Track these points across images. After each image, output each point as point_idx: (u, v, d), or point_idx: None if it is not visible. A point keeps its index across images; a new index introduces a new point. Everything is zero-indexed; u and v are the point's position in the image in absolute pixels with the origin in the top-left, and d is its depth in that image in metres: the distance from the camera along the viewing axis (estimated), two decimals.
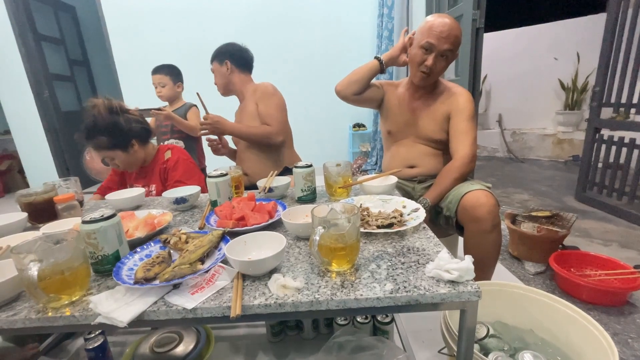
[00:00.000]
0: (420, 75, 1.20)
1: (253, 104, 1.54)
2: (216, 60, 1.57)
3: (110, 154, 1.28)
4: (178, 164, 1.37)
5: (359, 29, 3.48)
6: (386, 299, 0.54)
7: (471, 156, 1.18)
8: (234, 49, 1.58)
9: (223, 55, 1.56)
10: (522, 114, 4.28)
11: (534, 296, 0.94)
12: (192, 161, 1.45)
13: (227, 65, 1.55)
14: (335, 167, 1.04)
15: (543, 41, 4.03)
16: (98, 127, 1.22)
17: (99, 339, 1.01)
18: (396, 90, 1.38)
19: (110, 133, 1.24)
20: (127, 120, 1.29)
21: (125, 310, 0.54)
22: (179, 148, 1.46)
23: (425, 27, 1.17)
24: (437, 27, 1.13)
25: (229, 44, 1.59)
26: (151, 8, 3.30)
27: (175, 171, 1.36)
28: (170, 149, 1.43)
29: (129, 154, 1.30)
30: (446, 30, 1.13)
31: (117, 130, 1.25)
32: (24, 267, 0.52)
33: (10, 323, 0.54)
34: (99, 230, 0.63)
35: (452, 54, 1.18)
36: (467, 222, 1.08)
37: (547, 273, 1.59)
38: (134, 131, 1.30)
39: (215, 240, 0.70)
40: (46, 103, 3.55)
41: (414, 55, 1.21)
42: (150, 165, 1.41)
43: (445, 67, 1.21)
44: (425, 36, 1.15)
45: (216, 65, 1.58)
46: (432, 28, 1.14)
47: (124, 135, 1.27)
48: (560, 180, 3.18)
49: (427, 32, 1.15)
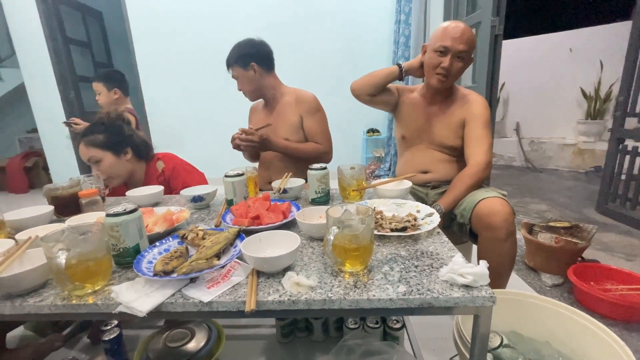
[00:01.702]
0: (437, 78, 1.20)
1: (296, 115, 1.43)
2: (238, 64, 1.40)
3: (100, 153, 1.23)
4: (176, 170, 1.35)
5: (375, 34, 3.49)
6: (399, 300, 0.54)
7: (486, 163, 1.17)
8: (257, 48, 1.42)
9: (246, 57, 1.39)
10: (541, 122, 4.19)
11: (551, 307, 0.91)
12: (187, 163, 1.43)
13: (253, 69, 1.40)
14: (350, 170, 1.04)
15: (563, 49, 3.94)
16: (100, 126, 1.26)
17: (115, 331, 1.04)
18: (411, 95, 1.37)
19: (109, 132, 1.25)
20: (131, 130, 1.32)
21: (144, 300, 0.56)
22: (169, 155, 1.42)
23: (438, 32, 1.18)
24: (451, 30, 1.15)
25: (247, 43, 1.42)
26: (173, 12, 3.41)
27: (177, 179, 1.34)
28: (160, 158, 1.39)
29: (119, 159, 1.27)
30: (460, 32, 1.14)
31: (116, 132, 1.27)
32: (53, 255, 0.54)
33: (38, 308, 0.57)
34: (122, 224, 0.66)
35: (468, 56, 1.18)
36: (481, 229, 1.06)
37: (565, 286, 1.54)
38: (133, 141, 1.31)
39: (231, 237, 0.72)
40: (71, 103, 3.71)
41: (429, 59, 1.22)
42: (146, 182, 1.36)
43: (462, 69, 1.21)
44: (439, 40, 1.16)
45: (239, 70, 1.41)
46: (446, 32, 1.16)
47: (121, 139, 1.28)
48: (581, 192, 3.08)
49: (440, 36, 1.17)
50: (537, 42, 4.12)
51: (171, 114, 3.68)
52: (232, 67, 1.44)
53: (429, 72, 1.23)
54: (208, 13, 3.41)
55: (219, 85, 3.53)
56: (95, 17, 4.30)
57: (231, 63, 1.43)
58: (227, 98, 3.49)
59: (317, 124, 1.44)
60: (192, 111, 3.66)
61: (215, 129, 3.65)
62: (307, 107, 1.43)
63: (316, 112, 1.45)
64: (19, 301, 0.58)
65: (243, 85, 1.45)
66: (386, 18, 3.44)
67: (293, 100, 1.45)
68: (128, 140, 1.30)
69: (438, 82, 1.21)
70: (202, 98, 3.64)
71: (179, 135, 3.71)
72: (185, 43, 3.49)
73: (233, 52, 1.42)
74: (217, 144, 3.13)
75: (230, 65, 1.44)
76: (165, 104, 3.65)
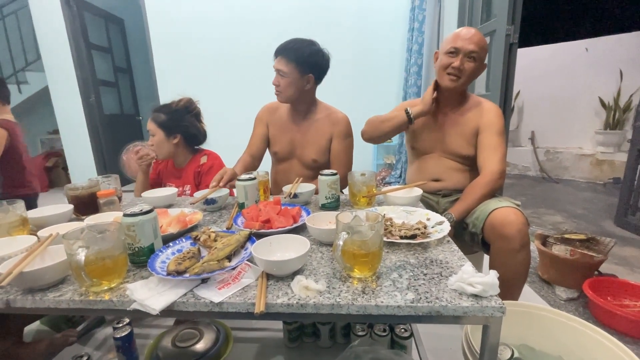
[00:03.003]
0: (449, 77, 1.20)
1: (326, 136, 1.39)
2: (296, 66, 1.28)
3: (155, 129, 1.43)
4: (212, 169, 1.45)
5: (388, 42, 3.51)
6: (407, 307, 0.54)
7: (500, 172, 1.15)
8: (322, 62, 1.34)
9: (308, 65, 1.30)
10: (557, 132, 4.10)
11: (564, 321, 0.89)
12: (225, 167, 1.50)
13: (308, 80, 1.32)
14: (360, 176, 1.05)
15: (581, 58, 3.87)
16: (167, 108, 1.46)
17: (126, 329, 1.07)
18: None
19: (170, 115, 1.44)
20: (192, 121, 1.49)
21: (157, 299, 0.57)
22: (214, 155, 1.54)
23: (449, 36, 1.21)
24: (461, 33, 1.18)
25: (316, 50, 1.31)
26: (190, 20, 3.51)
27: (208, 176, 1.43)
28: (207, 154, 1.53)
29: (167, 140, 1.44)
30: (470, 34, 1.17)
31: (175, 117, 1.45)
32: (73, 252, 0.57)
33: (57, 303, 0.60)
34: (138, 224, 0.68)
35: (479, 58, 1.18)
36: (494, 239, 1.05)
37: (581, 300, 1.50)
38: (186, 129, 1.47)
39: (242, 240, 0.73)
40: (92, 106, 3.84)
41: (440, 62, 1.23)
42: (186, 168, 1.50)
43: (474, 72, 1.20)
44: (450, 42, 1.19)
45: (293, 72, 1.29)
46: (456, 34, 1.19)
47: (176, 125, 1.44)
48: (599, 204, 2.99)
49: (451, 39, 1.20)
50: (554, 50, 4.06)
51: None
52: (286, 63, 1.28)
53: (441, 74, 1.23)
54: (223, 21, 3.50)
55: (231, 90, 3.62)
56: (117, 24, 4.47)
57: (289, 59, 1.28)
58: (239, 104, 3.58)
59: (344, 149, 1.41)
60: (205, 115, 3.74)
61: (227, 132, 3.71)
62: (339, 129, 1.39)
63: (346, 138, 1.41)
64: (39, 295, 0.61)
65: (287, 87, 1.31)
66: (400, 26, 3.45)
67: (326, 120, 1.40)
68: (182, 127, 1.45)
69: (450, 81, 1.21)
70: (215, 102, 3.70)
71: None
72: (201, 49, 3.58)
73: (298, 50, 1.28)
74: (229, 146, 3.19)
75: (285, 59, 1.28)
76: None
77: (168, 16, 3.51)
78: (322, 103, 1.46)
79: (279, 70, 1.30)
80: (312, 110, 1.43)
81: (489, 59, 2.07)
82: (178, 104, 1.47)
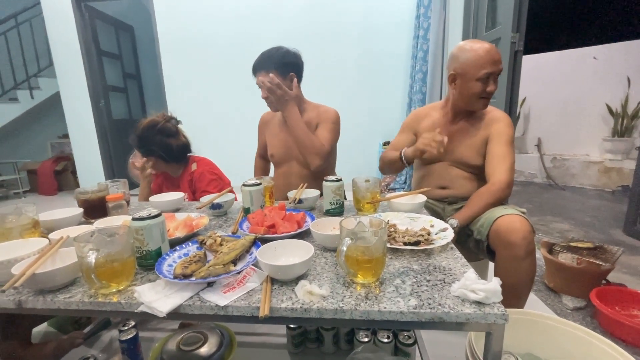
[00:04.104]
0: (484, 102, 1.21)
1: (314, 125, 1.43)
2: (277, 71, 1.32)
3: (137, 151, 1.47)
4: (203, 175, 1.48)
5: (393, 49, 3.53)
6: (410, 313, 0.54)
7: (508, 182, 1.14)
8: (297, 60, 1.39)
9: (287, 66, 1.35)
10: (564, 138, 4.07)
11: (570, 330, 0.88)
12: (216, 172, 1.53)
13: (291, 78, 1.37)
14: (364, 182, 1.06)
15: (588, 64, 3.85)
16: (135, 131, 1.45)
17: (132, 331, 1.08)
18: (428, 120, 1.34)
19: (137, 139, 1.45)
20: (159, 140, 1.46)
21: (164, 301, 0.59)
22: (204, 161, 1.57)
23: (471, 58, 1.14)
24: (486, 55, 1.13)
25: (286, 52, 1.36)
26: (197, 28, 3.58)
27: (200, 182, 1.47)
28: (196, 161, 1.55)
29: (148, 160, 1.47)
30: (495, 55, 1.14)
31: (142, 142, 1.45)
32: (84, 255, 0.58)
33: (67, 304, 0.61)
34: (146, 228, 0.70)
35: None
36: (499, 247, 1.04)
37: (588, 309, 1.48)
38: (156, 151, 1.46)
39: (247, 244, 0.75)
40: (101, 111, 3.92)
41: (471, 88, 1.17)
42: (180, 177, 1.55)
43: None
44: (482, 68, 1.13)
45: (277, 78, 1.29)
46: (482, 57, 1.13)
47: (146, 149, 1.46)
48: (607, 212, 2.95)
49: (482, 63, 1.13)
50: (561, 57, 4.04)
51: (192, 123, 3.81)
52: (266, 73, 1.30)
53: (472, 100, 1.20)
54: (229, 28, 3.56)
55: (237, 98, 3.67)
56: (127, 31, 4.57)
57: (268, 68, 1.31)
58: (244, 110, 3.62)
59: (327, 130, 1.39)
60: (211, 121, 3.78)
61: (233, 139, 3.76)
62: (325, 117, 1.42)
63: (331, 123, 1.41)
64: (50, 297, 0.62)
65: None
66: (405, 33, 3.48)
67: (315, 115, 1.44)
68: (151, 150, 1.45)
69: (484, 106, 1.22)
70: (221, 109, 3.76)
71: (199, 143, 3.84)
72: (208, 53, 3.64)
73: (271, 57, 1.33)
74: (235, 153, 3.22)
75: (265, 71, 1.32)
76: (187, 114, 3.79)
77: (176, 25, 3.58)
78: (311, 103, 1.50)
79: (263, 82, 1.29)
80: (301, 110, 1.43)
81: None
82: (140, 127, 1.44)
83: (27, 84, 4.45)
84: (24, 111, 4.46)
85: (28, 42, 4.39)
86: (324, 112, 1.45)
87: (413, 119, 1.41)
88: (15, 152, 4.64)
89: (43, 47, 4.34)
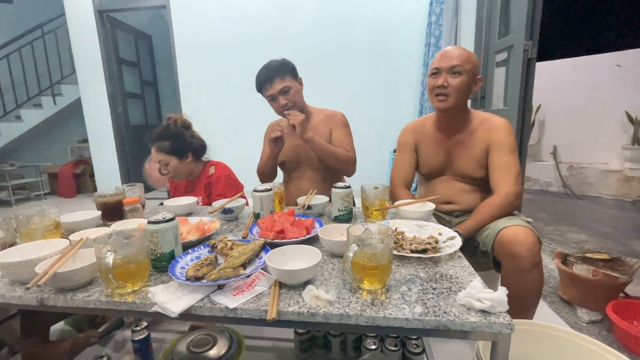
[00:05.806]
0: (437, 99, 1.19)
1: (327, 131, 1.46)
2: (291, 75, 1.38)
3: (167, 158, 1.46)
4: (220, 179, 1.50)
5: (405, 56, 3.55)
6: (415, 320, 0.55)
7: (515, 195, 1.11)
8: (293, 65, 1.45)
9: (294, 70, 1.41)
10: (580, 146, 3.97)
11: (582, 343, 0.86)
12: (232, 177, 1.56)
13: (299, 82, 1.44)
14: (373, 190, 1.07)
15: (605, 71, 3.77)
16: (166, 133, 1.47)
17: (144, 332, 1.11)
18: (425, 133, 1.33)
19: (174, 139, 1.47)
20: (191, 135, 1.52)
21: (176, 302, 0.61)
22: (222, 165, 1.59)
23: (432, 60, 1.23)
24: (441, 53, 1.19)
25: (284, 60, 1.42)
26: (213, 37, 3.69)
27: (217, 185, 1.49)
28: (214, 165, 1.58)
29: (181, 162, 1.49)
30: (449, 51, 1.17)
31: (180, 139, 1.48)
32: (102, 256, 0.61)
33: (85, 303, 0.64)
34: (161, 231, 0.73)
35: (465, 71, 1.14)
36: (504, 259, 1.02)
37: (605, 323, 1.43)
38: (193, 146, 1.51)
39: (257, 249, 0.77)
40: (119, 117, 4.06)
41: (427, 84, 1.23)
42: (197, 180, 1.57)
43: (464, 86, 1.15)
44: (432, 64, 1.21)
45: (292, 81, 1.39)
46: (437, 55, 1.20)
47: (184, 145, 1.48)
48: (627, 222, 2.86)
49: (434, 61, 1.20)
50: (578, 63, 3.97)
51: (206, 128, 3.90)
52: (281, 79, 1.35)
53: (431, 98, 1.22)
54: (243, 36, 3.66)
55: (250, 103, 3.73)
56: (145, 40, 4.73)
57: (282, 75, 1.36)
58: (257, 115, 3.67)
59: (345, 136, 1.46)
60: (225, 126, 3.86)
61: (246, 144, 3.81)
62: (336, 121, 1.48)
63: (345, 126, 1.48)
64: (70, 295, 0.66)
65: (295, 97, 1.39)
66: (416, 41, 3.49)
67: (323, 118, 1.49)
68: (189, 145, 1.50)
69: (439, 102, 1.18)
70: (234, 114, 3.84)
71: (213, 148, 3.92)
72: (223, 63, 3.74)
73: (280, 66, 1.37)
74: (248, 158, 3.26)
75: (279, 77, 1.35)
76: (202, 119, 3.89)
77: (192, 34, 3.70)
78: (315, 108, 1.55)
79: (281, 89, 1.35)
80: (307, 114, 1.47)
81: (507, 74, 2.06)
82: (175, 125, 1.49)
83: (50, 91, 4.65)
84: (47, 117, 4.65)
85: (52, 50, 4.60)
86: (332, 116, 1.49)
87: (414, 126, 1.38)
88: (37, 156, 4.83)
89: (66, 56, 4.53)
